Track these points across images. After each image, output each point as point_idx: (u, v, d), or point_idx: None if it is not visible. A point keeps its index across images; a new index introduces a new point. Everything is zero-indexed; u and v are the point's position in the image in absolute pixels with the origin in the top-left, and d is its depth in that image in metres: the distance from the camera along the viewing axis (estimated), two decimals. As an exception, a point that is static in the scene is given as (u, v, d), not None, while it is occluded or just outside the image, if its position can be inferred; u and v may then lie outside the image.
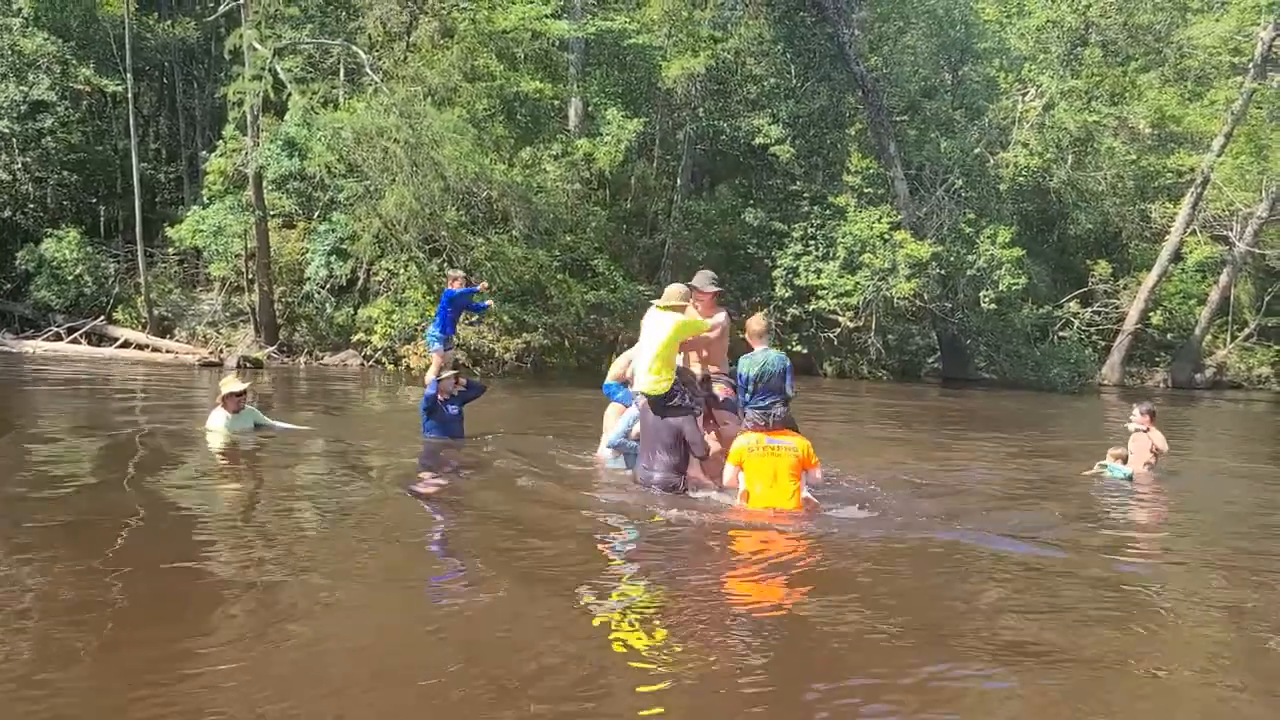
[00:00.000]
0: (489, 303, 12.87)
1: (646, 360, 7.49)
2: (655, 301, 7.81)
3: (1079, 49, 27.43)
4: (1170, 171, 29.25)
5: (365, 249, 20.41)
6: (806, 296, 24.27)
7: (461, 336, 19.96)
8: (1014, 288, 24.21)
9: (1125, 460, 9.62)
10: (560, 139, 22.73)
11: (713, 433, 7.87)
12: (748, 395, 7.39)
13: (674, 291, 7.75)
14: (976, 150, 26.16)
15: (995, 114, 26.85)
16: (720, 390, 7.94)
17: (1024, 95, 27.51)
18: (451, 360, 10.78)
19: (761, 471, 6.78)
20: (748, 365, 7.43)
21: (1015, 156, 26.15)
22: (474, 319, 19.75)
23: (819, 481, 7.10)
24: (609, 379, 8.95)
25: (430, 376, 10.23)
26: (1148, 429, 9.92)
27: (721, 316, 8.15)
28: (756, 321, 7.78)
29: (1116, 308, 29.47)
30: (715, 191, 27.40)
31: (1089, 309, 29.09)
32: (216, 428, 9.43)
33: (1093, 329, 28.82)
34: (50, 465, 8.16)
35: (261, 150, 20.24)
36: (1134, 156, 28.99)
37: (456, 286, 10.59)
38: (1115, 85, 27.84)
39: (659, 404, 7.42)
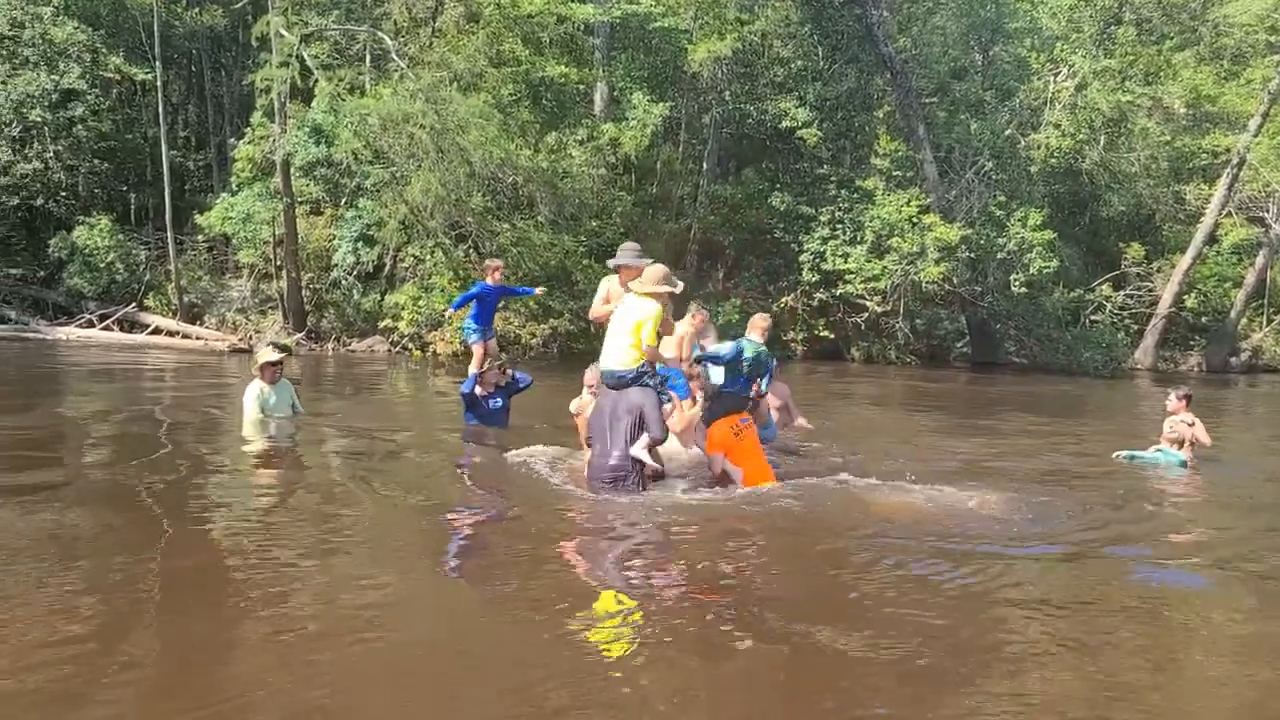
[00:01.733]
0: (538, 290, 12.94)
1: (617, 339, 7.03)
2: (634, 284, 7.17)
3: (1112, 27, 26.91)
4: (1205, 152, 28.70)
5: (392, 235, 20.47)
6: (834, 281, 24.07)
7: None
8: (1045, 271, 23.89)
9: (1182, 445, 9.44)
10: (586, 124, 22.65)
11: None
12: (734, 375, 7.51)
13: (655, 274, 7.08)
14: (1007, 132, 25.79)
15: (1026, 95, 26.45)
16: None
17: (1056, 75, 27.07)
18: (495, 352, 10.54)
19: (745, 452, 7.30)
20: (750, 348, 7.60)
21: (1047, 138, 25.76)
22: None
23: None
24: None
25: (472, 370, 9.93)
26: (1185, 415, 9.72)
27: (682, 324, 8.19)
28: (764, 319, 8.09)
29: (1150, 291, 29.03)
30: (741, 175, 27.21)
31: (1122, 292, 28.67)
32: (252, 402, 9.34)
33: (1125, 312, 28.40)
34: (85, 448, 8.25)
35: (289, 137, 20.32)
36: (1168, 137, 28.48)
37: (494, 279, 10.32)
38: (1149, 64, 27.31)
39: (622, 380, 6.98)
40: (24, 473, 7.13)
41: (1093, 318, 27.73)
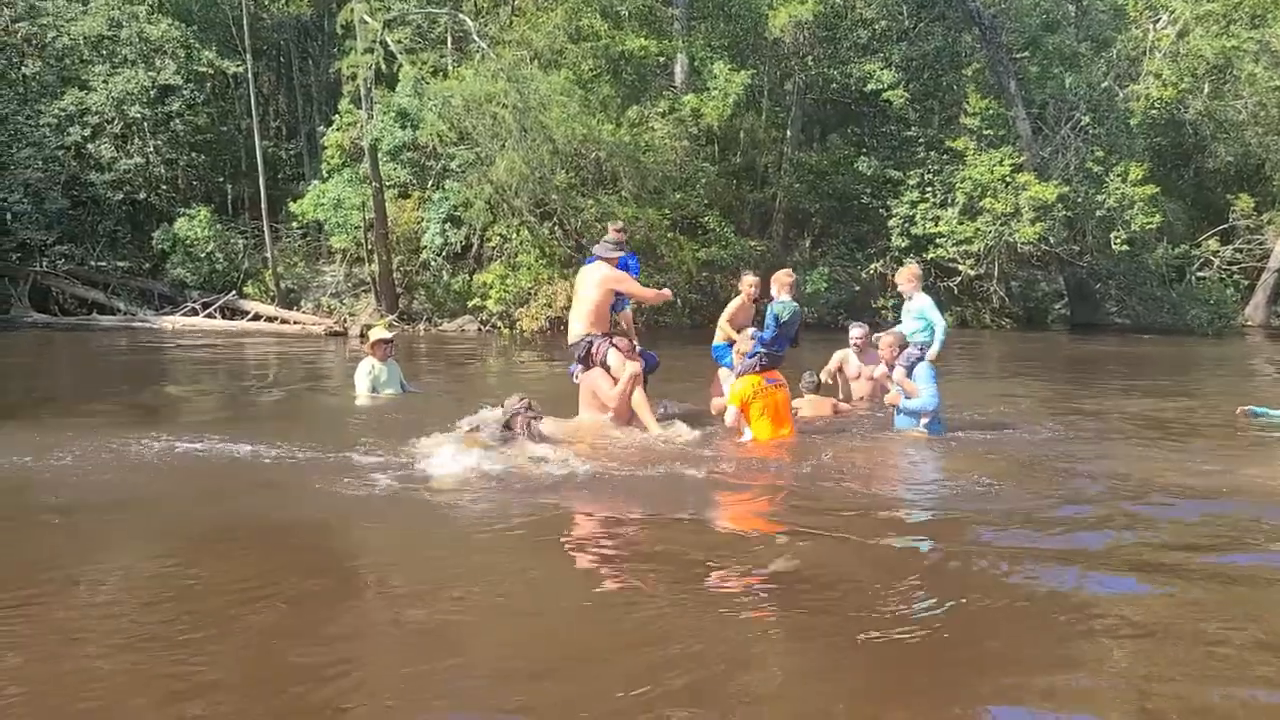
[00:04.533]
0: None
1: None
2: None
3: (1216, -32, 25.66)
4: (1319, 95, 27.28)
5: (478, 215, 20.69)
6: (924, 245, 23.54)
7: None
8: (1147, 227, 23.02)
9: None
10: (667, 96, 22.50)
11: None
12: (769, 336, 7.63)
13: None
14: (1104, 84, 24.83)
15: (1124, 44, 25.39)
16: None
17: (1155, 23, 25.92)
18: (630, 323, 9.43)
19: (767, 408, 7.49)
20: (780, 309, 7.69)
21: (1147, 89, 24.68)
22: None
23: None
24: (716, 340, 8.85)
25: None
26: None
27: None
28: (788, 274, 8.13)
29: (1261, 244, 27.75)
30: (826, 141, 26.76)
31: (1230, 246, 27.48)
32: (364, 378, 9.69)
33: (1234, 267, 27.26)
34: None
35: (375, 122, 20.64)
36: (1278, 82, 27.09)
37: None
38: (1256, 6, 25.89)
39: None
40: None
41: (1199, 274, 26.68)
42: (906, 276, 8.43)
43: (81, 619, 4.01)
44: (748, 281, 8.80)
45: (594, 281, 8.19)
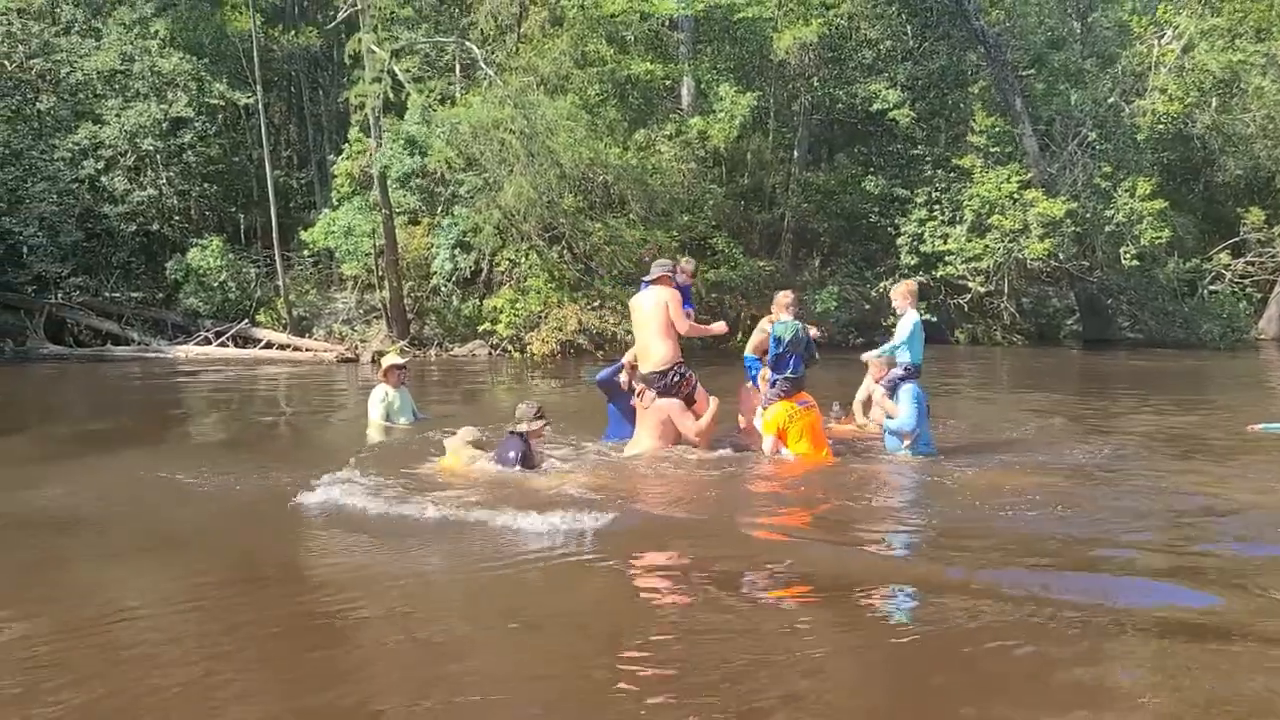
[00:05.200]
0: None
1: None
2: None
3: (1220, -17, 25.71)
4: (1328, 107, 27.21)
5: (487, 240, 20.79)
6: (934, 263, 23.54)
7: (582, 320, 20.17)
8: (1157, 241, 22.96)
9: None
10: (673, 119, 22.64)
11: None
12: (781, 361, 7.64)
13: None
14: (1110, 100, 24.86)
15: (1129, 60, 25.41)
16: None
17: (1160, 38, 25.95)
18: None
19: (805, 430, 7.56)
20: (781, 329, 7.69)
21: (1153, 103, 24.67)
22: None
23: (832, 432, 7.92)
24: (748, 350, 8.77)
25: (626, 358, 8.61)
26: None
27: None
28: (785, 295, 8.12)
29: (1272, 257, 27.62)
30: (834, 161, 26.87)
31: (1241, 259, 27.38)
32: (378, 406, 9.70)
33: (1247, 280, 27.14)
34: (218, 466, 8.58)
35: (384, 150, 20.81)
36: (1286, 95, 27.08)
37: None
38: (1261, 20, 25.91)
39: None
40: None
41: (1211, 288, 26.57)
42: (901, 293, 8.32)
43: (132, 642, 4.11)
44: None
45: (658, 301, 7.91)
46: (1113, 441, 8.96)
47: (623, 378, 8.36)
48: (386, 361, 10.16)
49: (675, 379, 7.76)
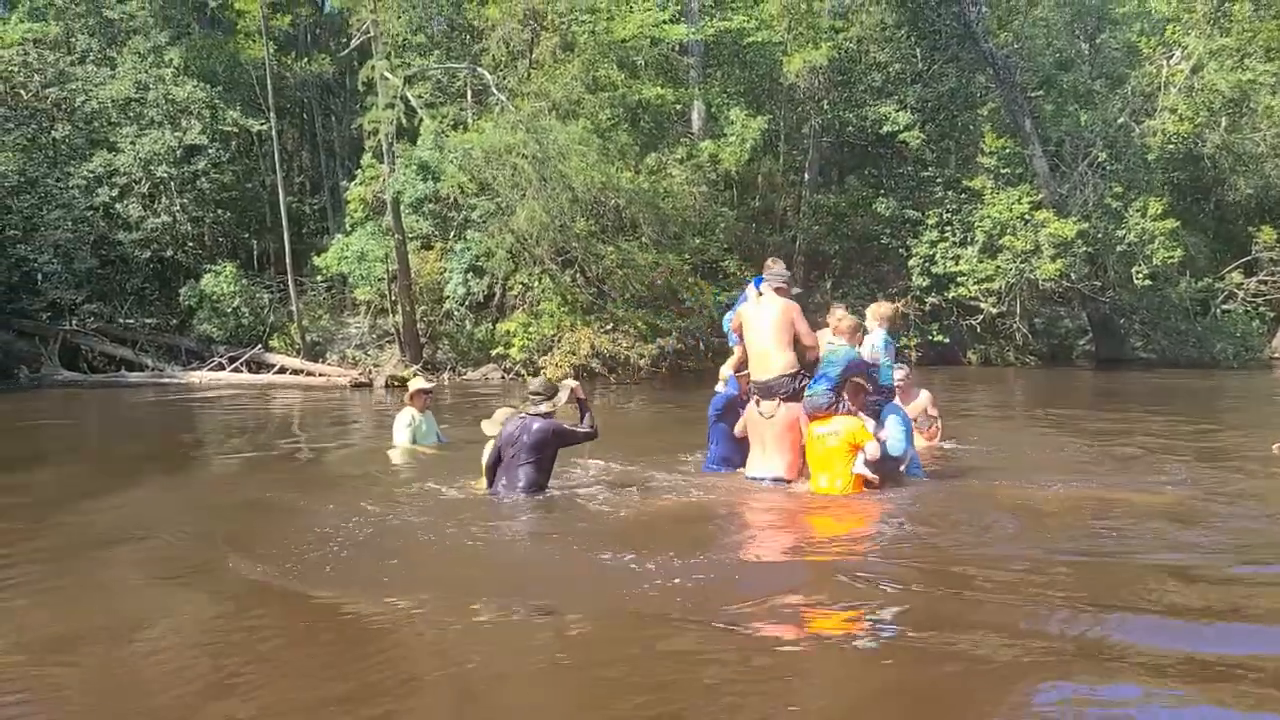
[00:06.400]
0: None
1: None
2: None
3: (1227, 4, 25.76)
4: (1339, 126, 27.20)
5: (500, 265, 20.86)
6: (945, 284, 23.57)
7: (595, 344, 20.18)
8: (1169, 261, 22.98)
9: None
10: (684, 142, 22.74)
11: None
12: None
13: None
14: (1120, 120, 24.90)
15: (1138, 81, 25.47)
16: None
17: (1169, 59, 26.02)
18: None
19: (815, 462, 7.22)
20: (830, 351, 7.55)
21: (1163, 124, 24.72)
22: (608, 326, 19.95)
23: (875, 455, 7.07)
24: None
25: (726, 370, 8.25)
26: None
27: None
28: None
29: (1285, 276, 27.62)
30: (844, 183, 26.93)
31: (1254, 279, 27.35)
32: (404, 430, 9.70)
33: (1260, 299, 27.09)
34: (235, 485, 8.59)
35: (397, 176, 20.92)
36: (1296, 113, 27.09)
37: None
38: (1270, 39, 25.99)
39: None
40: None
41: (1224, 307, 26.54)
42: (881, 314, 8.07)
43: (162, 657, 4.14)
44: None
45: (785, 311, 7.65)
46: (1130, 462, 8.89)
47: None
48: (413, 385, 10.23)
49: (801, 382, 7.51)
